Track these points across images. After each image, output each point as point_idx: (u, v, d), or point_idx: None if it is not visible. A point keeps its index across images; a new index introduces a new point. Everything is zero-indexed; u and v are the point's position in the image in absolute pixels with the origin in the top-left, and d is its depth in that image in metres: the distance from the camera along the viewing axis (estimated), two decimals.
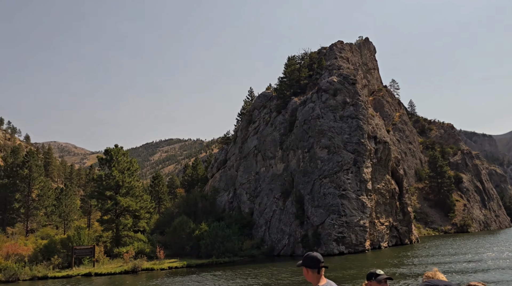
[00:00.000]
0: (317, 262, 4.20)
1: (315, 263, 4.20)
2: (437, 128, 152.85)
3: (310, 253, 4.34)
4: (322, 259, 4.27)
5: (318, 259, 4.24)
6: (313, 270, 4.20)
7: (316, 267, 4.19)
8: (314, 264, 4.20)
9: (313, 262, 4.21)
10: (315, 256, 4.27)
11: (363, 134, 55.53)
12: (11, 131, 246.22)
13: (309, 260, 4.25)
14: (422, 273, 27.82)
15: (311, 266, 4.21)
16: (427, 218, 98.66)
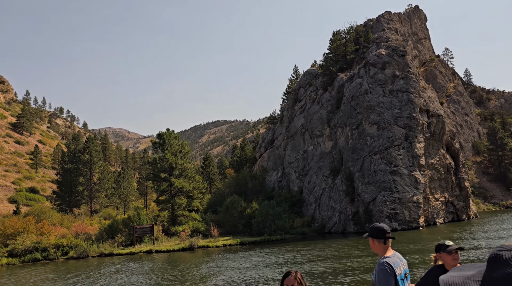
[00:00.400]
0: (383, 233, 4.19)
1: (381, 234, 4.19)
2: (496, 98, 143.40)
3: (376, 224, 4.32)
4: (388, 230, 4.24)
5: (384, 229, 4.22)
6: (379, 240, 4.18)
7: (382, 237, 4.18)
8: (380, 235, 4.18)
9: (379, 233, 4.19)
10: (381, 226, 4.25)
11: (414, 108, 53.52)
12: (70, 120, 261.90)
13: (375, 231, 4.23)
14: (482, 247, 26.97)
15: (377, 237, 4.19)
16: (486, 192, 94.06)
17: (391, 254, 4.14)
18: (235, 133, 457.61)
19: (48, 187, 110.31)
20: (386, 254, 4.12)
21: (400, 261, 4.14)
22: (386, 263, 3.97)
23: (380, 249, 4.18)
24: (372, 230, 4.24)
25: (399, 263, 4.09)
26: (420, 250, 29.25)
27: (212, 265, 29.61)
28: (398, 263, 4.07)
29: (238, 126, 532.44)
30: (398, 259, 4.13)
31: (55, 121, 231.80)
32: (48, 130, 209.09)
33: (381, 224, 4.32)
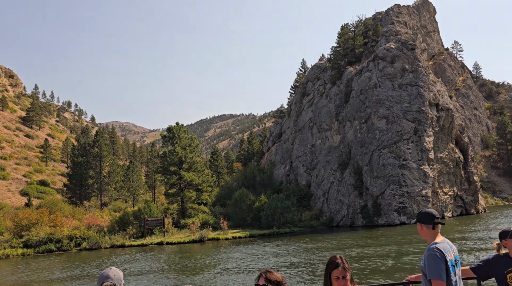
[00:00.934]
0: (432, 218, 4.11)
1: (430, 219, 4.11)
2: (506, 92, 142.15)
3: (424, 209, 4.25)
4: (437, 215, 4.17)
5: (433, 214, 4.14)
6: (427, 225, 4.12)
7: (431, 222, 4.10)
8: (428, 220, 4.11)
9: (428, 218, 4.12)
10: (429, 211, 4.17)
11: (423, 102, 53.44)
12: (78, 113, 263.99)
13: (424, 216, 4.15)
14: (490, 238, 27.15)
15: (426, 222, 4.12)
16: (495, 187, 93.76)
17: (441, 240, 4.09)
18: (241, 127, 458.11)
19: (58, 180, 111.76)
20: (435, 240, 4.08)
21: (450, 247, 4.10)
22: (436, 248, 3.93)
23: (429, 234, 4.13)
24: (421, 215, 4.19)
25: (449, 249, 4.06)
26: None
27: (226, 256, 30.12)
28: (448, 249, 4.04)
29: (244, 120, 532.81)
30: (448, 245, 4.09)
31: (63, 115, 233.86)
32: (57, 124, 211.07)
33: (429, 209, 4.30)
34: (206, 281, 20.70)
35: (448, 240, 4.18)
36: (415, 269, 19.41)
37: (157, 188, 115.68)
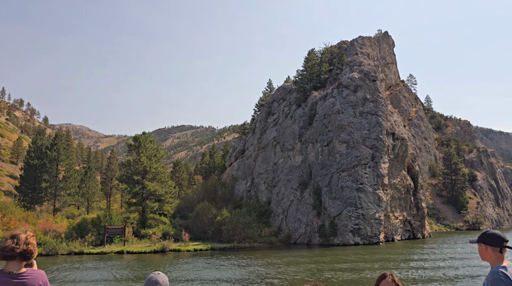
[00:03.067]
0: (501, 241, 3.82)
1: (499, 242, 3.83)
2: (453, 125, 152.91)
3: (490, 230, 3.96)
4: (506, 238, 3.87)
5: (502, 238, 3.85)
6: (494, 248, 3.83)
7: (499, 245, 3.81)
8: (497, 242, 3.83)
9: (496, 240, 3.83)
10: (498, 234, 3.88)
11: (381, 130, 57.28)
12: (30, 113, 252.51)
13: (491, 238, 3.87)
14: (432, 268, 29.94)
15: (493, 244, 3.83)
16: (439, 214, 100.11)
17: (507, 264, 3.81)
18: (200, 139, 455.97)
19: (6, 182, 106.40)
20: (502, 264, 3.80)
21: None
22: (502, 273, 3.66)
23: (494, 258, 3.85)
24: (487, 236, 3.91)
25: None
26: (383, 260, 31.87)
27: (189, 266, 30.92)
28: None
29: (204, 132, 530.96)
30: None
31: (13, 113, 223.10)
32: (7, 122, 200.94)
33: (496, 230, 4.04)
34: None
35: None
36: (369, 281, 21.43)
37: (113, 195, 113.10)
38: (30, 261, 3.53)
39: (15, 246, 3.43)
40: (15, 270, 3.45)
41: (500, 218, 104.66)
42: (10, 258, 3.43)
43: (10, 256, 3.40)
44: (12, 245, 3.42)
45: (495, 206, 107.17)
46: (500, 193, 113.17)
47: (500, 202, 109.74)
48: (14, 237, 3.50)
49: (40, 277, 3.56)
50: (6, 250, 3.40)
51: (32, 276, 3.50)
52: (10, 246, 3.41)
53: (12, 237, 3.51)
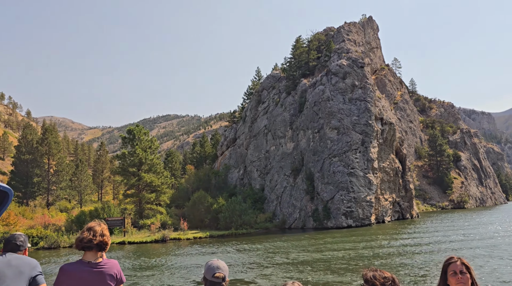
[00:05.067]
0: None
1: None
2: (437, 107, 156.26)
3: None
4: None
5: None
6: None
7: None
8: None
9: None
10: None
11: (370, 116, 58.96)
12: (12, 107, 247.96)
13: None
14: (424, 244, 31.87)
15: None
16: (425, 194, 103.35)
17: None
18: (186, 128, 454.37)
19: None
20: None
21: None
22: None
23: None
24: None
25: None
26: (372, 240, 33.70)
27: (199, 252, 32.25)
28: None
29: (189, 121, 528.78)
30: None
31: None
32: None
33: None
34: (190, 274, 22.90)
35: None
36: (369, 260, 23.07)
37: (104, 188, 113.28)
38: (105, 251, 3.74)
39: (92, 237, 3.61)
40: (92, 260, 3.61)
41: (483, 196, 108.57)
42: (88, 249, 3.61)
43: (88, 247, 3.59)
44: (90, 236, 3.61)
45: (479, 185, 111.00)
46: (483, 172, 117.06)
47: (483, 181, 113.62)
48: (90, 229, 3.68)
49: (115, 266, 3.72)
50: (85, 241, 3.60)
51: (108, 265, 3.68)
52: (88, 238, 3.60)
53: (88, 229, 3.69)
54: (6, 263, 3.79)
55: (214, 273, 3.21)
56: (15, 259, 3.85)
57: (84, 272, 3.51)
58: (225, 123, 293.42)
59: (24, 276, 3.78)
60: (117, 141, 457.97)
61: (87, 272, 3.53)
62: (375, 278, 2.81)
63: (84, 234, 3.64)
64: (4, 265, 3.75)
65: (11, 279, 3.67)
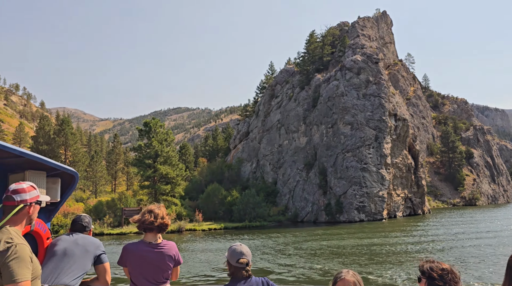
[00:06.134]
0: None
1: None
2: (450, 103, 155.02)
3: None
4: None
5: None
6: None
7: None
8: None
9: None
10: None
11: (384, 112, 59.20)
12: (27, 97, 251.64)
13: None
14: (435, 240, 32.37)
15: None
16: (436, 191, 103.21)
17: None
18: (197, 121, 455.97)
19: None
20: None
21: None
22: None
23: None
24: None
25: None
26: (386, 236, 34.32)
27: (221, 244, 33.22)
28: None
29: (200, 114, 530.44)
30: None
31: (10, 98, 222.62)
32: (5, 107, 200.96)
33: None
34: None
35: None
36: (382, 252, 23.73)
37: (117, 178, 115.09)
38: (164, 232, 3.84)
39: (154, 220, 3.70)
40: (153, 241, 3.73)
41: (495, 194, 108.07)
42: (149, 230, 3.72)
43: (149, 229, 3.70)
44: (151, 219, 3.69)
45: (491, 182, 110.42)
46: (496, 170, 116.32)
47: (495, 178, 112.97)
48: (151, 212, 3.75)
49: (173, 248, 3.82)
50: (147, 223, 3.69)
51: (168, 246, 3.79)
52: (150, 220, 3.68)
53: (149, 212, 3.76)
54: (74, 241, 4.06)
55: (238, 258, 3.22)
56: (81, 239, 4.11)
57: (145, 251, 3.66)
58: (236, 116, 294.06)
59: (90, 254, 4.03)
60: (128, 133, 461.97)
61: (149, 251, 3.67)
62: (432, 269, 2.72)
63: (145, 216, 3.72)
64: (72, 244, 4.03)
65: (79, 256, 3.95)
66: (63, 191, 4.42)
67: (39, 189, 3.51)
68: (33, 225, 3.92)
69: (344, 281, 2.82)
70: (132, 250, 3.66)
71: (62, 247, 3.97)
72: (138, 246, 3.69)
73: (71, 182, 4.47)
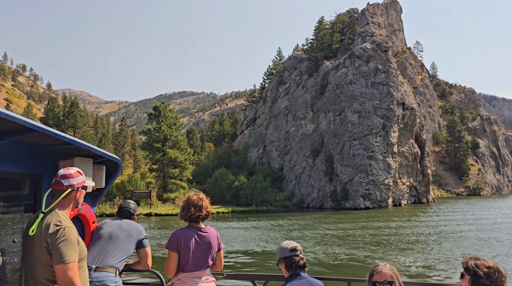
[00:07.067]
0: None
1: None
2: (457, 93, 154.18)
3: None
4: None
5: None
6: None
7: None
8: None
9: None
10: None
11: (392, 100, 59.42)
12: (33, 79, 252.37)
13: None
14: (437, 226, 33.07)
15: None
16: (441, 180, 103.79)
17: None
18: (202, 105, 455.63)
19: None
20: None
21: None
22: None
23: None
24: None
25: None
26: (388, 222, 35.06)
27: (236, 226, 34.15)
28: None
29: (205, 98, 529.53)
30: None
31: (17, 79, 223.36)
32: (13, 88, 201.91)
33: None
34: None
35: None
36: (383, 239, 24.47)
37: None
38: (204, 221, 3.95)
39: (199, 213, 3.79)
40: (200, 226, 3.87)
41: (500, 184, 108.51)
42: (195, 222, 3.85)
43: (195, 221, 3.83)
44: (198, 213, 3.78)
45: (496, 173, 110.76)
46: (501, 160, 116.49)
47: (500, 168, 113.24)
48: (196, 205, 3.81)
49: (215, 232, 3.94)
50: (193, 217, 3.78)
51: (211, 231, 3.90)
52: (196, 214, 3.77)
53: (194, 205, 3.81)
54: (118, 226, 4.27)
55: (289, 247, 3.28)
56: (125, 224, 4.30)
57: (197, 236, 3.76)
58: (242, 101, 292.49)
59: (133, 239, 4.21)
60: (133, 116, 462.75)
61: (200, 236, 3.79)
62: (477, 267, 2.65)
63: (191, 210, 3.77)
64: (116, 228, 4.23)
65: (123, 240, 4.14)
66: (108, 177, 4.58)
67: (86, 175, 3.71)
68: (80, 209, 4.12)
69: (381, 273, 2.88)
70: (184, 236, 3.72)
71: (108, 230, 4.18)
72: (189, 232, 3.75)
73: (115, 169, 4.62)
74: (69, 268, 2.56)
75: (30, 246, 2.70)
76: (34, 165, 3.75)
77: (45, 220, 2.68)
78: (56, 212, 2.73)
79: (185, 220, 3.83)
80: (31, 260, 2.68)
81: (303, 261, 3.30)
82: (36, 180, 3.77)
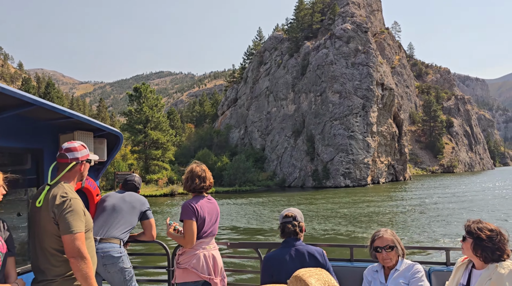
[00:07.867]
0: None
1: None
2: (433, 73, 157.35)
3: None
4: None
5: None
6: None
7: None
8: None
9: None
10: None
11: (372, 81, 60.54)
12: (4, 58, 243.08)
13: None
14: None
15: None
16: (417, 158, 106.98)
17: None
18: (180, 86, 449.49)
19: None
20: None
21: None
22: None
23: None
24: None
25: None
26: (372, 200, 36.45)
27: None
28: None
29: (183, 79, 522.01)
30: None
31: None
32: None
33: None
34: None
35: None
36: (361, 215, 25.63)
37: None
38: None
39: (204, 183, 3.84)
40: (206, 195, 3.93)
41: (472, 162, 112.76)
42: (199, 192, 3.88)
43: (199, 191, 3.86)
44: (202, 184, 3.82)
45: (469, 151, 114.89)
46: (474, 139, 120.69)
47: (473, 146, 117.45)
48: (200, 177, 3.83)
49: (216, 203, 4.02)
50: (197, 188, 3.83)
51: (214, 201, 3.99)
52: (200, 185, 3.81)
53: (198, 176, 3.83)
54: (121, 198, 4.32)
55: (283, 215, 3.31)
56: (128, 196, 4.37)
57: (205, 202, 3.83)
58: (221, 82, 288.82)
59: (136, 210, 4.28)
60: (109, 97, 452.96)
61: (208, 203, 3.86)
62: (480, 230, 2.67)
63: (195, 181, 3.80)
64: (120, 200, 4.29)
65: (126, 212, 4.20)
66: (109, 151, 4.55)
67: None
68: (84, 182, 4.11)
69: (383, 239, 2.92)
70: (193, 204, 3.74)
71: (111, 203, 4.24)
72: (200, 201, 3.79)
73: (116, 143, 4.61)
74: (76, 238, 2.59)
75: (37, 217, 2.72)
76: (35, 139, 3.74)
77: (51, 191, 2.70)
78: (62, 184, 2.75)
79: (190, 190, 3.86)
80: (39, 231, 2.71)
81: (295, 228, 3.22)
82: (37, 155, 3.78)
